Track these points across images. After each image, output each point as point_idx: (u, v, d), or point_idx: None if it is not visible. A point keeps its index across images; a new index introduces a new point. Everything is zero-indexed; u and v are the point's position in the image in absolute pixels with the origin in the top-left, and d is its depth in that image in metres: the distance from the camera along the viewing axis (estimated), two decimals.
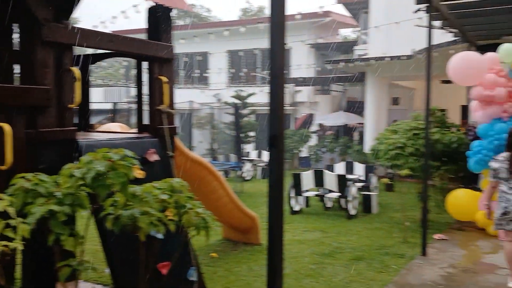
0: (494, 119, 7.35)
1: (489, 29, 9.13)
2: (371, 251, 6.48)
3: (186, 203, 2.85)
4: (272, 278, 2.76)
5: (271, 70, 2.65)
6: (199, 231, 2.82)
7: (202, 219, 2.81)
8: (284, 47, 2.69)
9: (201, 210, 2.86)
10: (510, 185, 4.92)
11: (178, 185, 2.89)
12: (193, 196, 3.04)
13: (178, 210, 2.80)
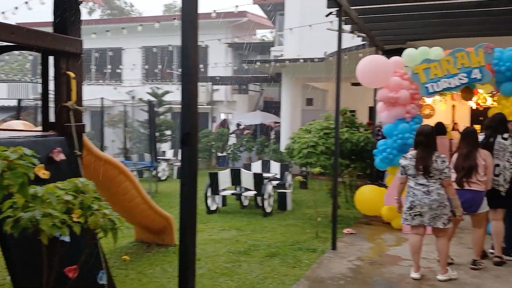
0: (398, 119, 7.82)
1: (394, 35, 9.70)
2: (285, 247, 6.62)
3: (93, 204, 2.72)
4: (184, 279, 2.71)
5: (183, 66, 2.61)
6: (107, 233, 2.71)
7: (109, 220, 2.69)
8: (196, 43, 2.65)
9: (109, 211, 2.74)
10: (416, 181, 5.21)
11: (84, 185, 2.75)
12: (101, 196, 2.91)
13: (84, 211, 2.67)
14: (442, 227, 5.17)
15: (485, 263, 5.83)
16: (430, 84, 7.45)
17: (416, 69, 7.51)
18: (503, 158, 5.76)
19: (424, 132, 5.29)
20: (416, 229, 5.32)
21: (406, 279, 5.35)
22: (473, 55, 7.14)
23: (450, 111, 17.20)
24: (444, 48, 7.65)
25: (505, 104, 7.22)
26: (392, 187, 7.67)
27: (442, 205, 5.10)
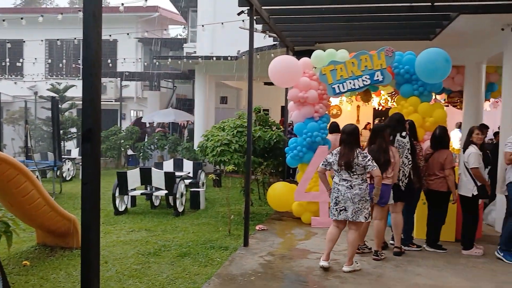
0: (307, 118, 8.07)
1: (304, 36, 10.00)
2: (197, 246, 6.56)
3: None
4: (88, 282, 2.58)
5: (85, 59, 2.47)
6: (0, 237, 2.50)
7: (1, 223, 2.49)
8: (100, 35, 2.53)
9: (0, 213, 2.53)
10: (341, 177, 5.49)
11: None
12: None
13: None
14: (363, 221, 5.48)
15: (385, 254, 6.21)
16: (337, 85, 7.76)
17: (324, 70, 7.80)
18: (402, 154, 6.15)
19: (346, 131, 5.59)
20: (337, 222, 5.61)
21: (314, 271, 5.54)
22: (375, 58, 7.55)
23: (355, 111, 18.14)
24: (349, 50, 8.02)
25: (404, 104, 7.72)
26: (301, 184, 7.90)
27: (363, 199, 5.43)
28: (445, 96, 13.03)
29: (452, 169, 6.35)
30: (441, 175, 6.40)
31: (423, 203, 6.81)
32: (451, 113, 11.59)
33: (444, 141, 6.57)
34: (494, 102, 14.41)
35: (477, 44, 9.87)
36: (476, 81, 10.88)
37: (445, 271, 5.66)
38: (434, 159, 6.46)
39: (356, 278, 5.31)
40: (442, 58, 7.19)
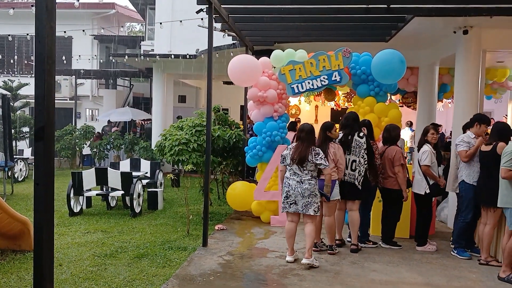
0: (266, 118, 8.10)
1: (263, 36, 10.02)
2: (155, 247, 6.47)
3: None
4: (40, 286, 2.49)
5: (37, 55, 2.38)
6: None
7: None
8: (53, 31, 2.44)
9: None
10: (292, 172, 5.72)
11: None
12: None
13: None
14: (313, 214, 5.69)
15: (343, 251, 6.32)
16: (296, 85, 7.83)
17: (283, 70, 7.85)
18: (358, 154, 6.28)
19: (305, 129, 5.84)
20: (291, 217, 5.83)
21: (273, 270, 5.56)
22: (333, 59, 7.66)
23: (313, 111, 18.38)
24: (308, 51, 8.10)
25: (361, 104, 7.89)
26: (261, 183, 7.93)
27: (312, 194, 5.67)
28: (400, 97, 13.41)
29: (401, 166, 6.51)
30: (393, 174, 6.55)
31: (378, 201, 6.98)
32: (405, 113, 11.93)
33: (392, 138, 6.73)
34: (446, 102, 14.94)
35: (431, 46, 10.19)
36: (430, 82, 11.25)
37: (400, 266, 5.81)
38: (385, 156, 6.63)
39: (315, 276, 5.37)
40: (397, 59, 7.38)
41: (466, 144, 6.26)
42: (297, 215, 5.85)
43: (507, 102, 15.14)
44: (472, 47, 7.91)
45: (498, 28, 7.99)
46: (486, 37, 8.00)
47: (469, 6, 7.04)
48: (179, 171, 12.63)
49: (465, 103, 7.94)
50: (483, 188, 5.85)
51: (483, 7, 7.05)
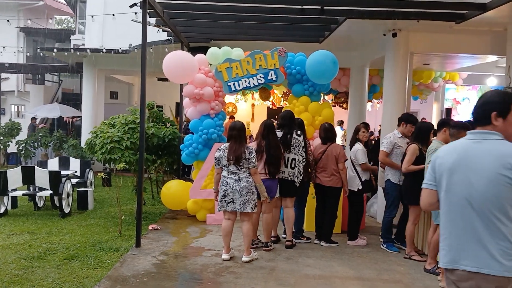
0: (203, 115, 8.03)
1: (199, 33, 9.93)
2: (86, 248, 6.22)
3: None
4: None
5: None
6: None
7: None
8: None
9: None
10: (229, 171, 5.71)
11: None
12: None
13: None
14: (250, 212, 5.73)
15: (278, 247, 6.40)
16: (232, 83, 7.83)
17: (220, 68, 7.81)
18: (297, 152, 6.38)
19: (236, 127, 5.83)
20: (228, 215, 5.82)
21: (209, 268, 5.53)
22: (269, 58, 7.73)
23: (250, 109, 18.49)
24: (245, 49, 8.12)
25: (296, 103, 8.01)
26: (197, 181, 7.85)
27: (250, 191, 5.71)
28: (333, 96, 13.79)
29: (345, 162, 6.71)
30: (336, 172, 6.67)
31: (312, 197, 7.12)
32: (337, 112, 12.30)
33: (333, 136, 6.89)
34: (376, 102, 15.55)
35: (362, 48, 10.55)
36: (360, 83, 11.65)
37: (332, 261, 5.97)
38: (328, 154, 6.71)
39: (250, 273, 5.40)
40: (330, 60, 7.57)
41: (388, 146, 6.53)
42: (234, 214, 5.85)
43: (432, 103, 16.00)
44: (401, 49, 8.26)
45: (425, 32, 8.40)
46: (414, 40, 8.39)
47: (398, 10, 7.34)
48: (110, 170, 12.24)
49: (393, 103, 8.28)
50: (409, 189, 6.04)
51: (411, 11, 7.38)
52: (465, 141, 2.58)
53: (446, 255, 2.54)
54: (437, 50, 8.91)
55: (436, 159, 2.65)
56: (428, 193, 2.67)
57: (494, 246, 2.39)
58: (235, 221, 5.90)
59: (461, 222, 2.48)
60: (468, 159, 2.50)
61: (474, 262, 2.42)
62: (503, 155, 2.41)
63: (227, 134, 5.94)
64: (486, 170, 2.42)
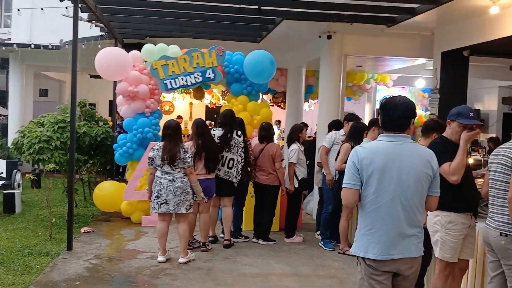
0: (137, 113, 7.83)
1: (134, 29, 9.67)
2: (12, 253, 5.88)
3: None
4: None
5: None
6: None
7: None
8: None
9: None
10: (163, 171, 5.56)
11: None
12: None
13: None
14: (185, 212, 5.61)
15: (216, 247, 6.36)
16: (169, 81, 7.69)
17: (155, 65, 7.65)
18: (236, 153, 6.36)
19: (171, 126, 5.70)
20: (163, 217, 5.68)
21: (144, 271, 5.40)
22: (207, 56, 7.67)
23: (188, 108, 18.29)
24: (181, 46, 8.00)
25: (234, 103, 8.00)
26: (131, 182, 7.64)
27: (185, 191, 5.59)
28: (271, 96, 13.93)
29: (281, 161, 6.76)
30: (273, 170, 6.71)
31: (251, 196, 7.13)
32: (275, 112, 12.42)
33: (271, 135, 6.94)
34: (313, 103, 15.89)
35: (298, 49, 10.72)
36: (297, 83, 11.85)
37: (269, 259, 6.02)
38: (265, 153, 6.73)
39: (187, 274, 5.33)
40: (267, 60, 7.62)
41: (330, 142, 6.68)
42: (169, 215, 5.73)
43: (364, 103, 16.57)
44: (335, 51, 8.48)
45: (358, 34, 8.66)
46: (347, 42, 8.63)
47: (332, 12, 7.51)
48: (40, 171, 11.64)
49: (328, 103, 8.49)
50: None
51: (345, 14, 7.58)
52: (388, 143, 2.86)
53: (376, 247, 2.82)
54: (369, 53, 9.22)
55: (362, 160, 2.83)
56: (352, 192, 2.87)
57: (412, 233, 2.82)
58: (170, 222, 5.79)
59: (391, 218, 2.80)
60: (397, 159, 2.80)
61: (400, 250, 2.80)
62: (423, 155, 2.84)
63: (162, 133, 5.81)
64: (414, 168, 2.79)
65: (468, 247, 3.91)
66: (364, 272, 2.88)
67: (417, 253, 2.86)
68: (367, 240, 2.85)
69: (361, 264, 2.91)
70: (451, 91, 8.30)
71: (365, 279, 2.88)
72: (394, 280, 2.88)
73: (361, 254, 2.87)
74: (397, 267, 2.83)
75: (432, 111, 8.63)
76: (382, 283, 2.84)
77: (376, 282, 2.84)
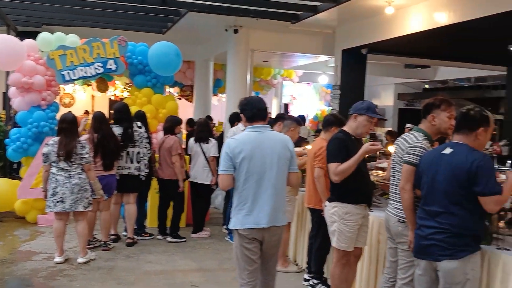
0: (33, 106, 7.33)
1: (29, 16, 9.06)
2: None
3: None
4: None
5: None
6: None
7: None
8: None
9: None
10: (59, 167, 5.23)
11: None
12: None
13: None
14: (83, 210, 5.33)
15: (118, 245, 6.15)
16: (67, 72, 7.29)
17: (52, 55, 7.22)
18: (141, 145, 6.17)
19: (67, 120, 5.37)
20: (60, 215, 5.37)
21: (40, 273, 5.09)
22: (108, 46, 7.36)
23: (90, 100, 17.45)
24: (81, 36, 7.62)
25: (138, 95, 7.77)
26: (26, 179, 7.15)
27: (83, 189, 5.29)
28: (179, 89, 13.73)
29: (178, 155, 6.59)
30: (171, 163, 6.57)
31: (156, 192, 6.98)
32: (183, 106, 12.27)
33: (173, 129, 6.78)
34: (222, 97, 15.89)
35: (206, 42, 10.67)
36: (205, 77, 11.80)
37: (174, 255, 5.93)
38: (163, 146, 6.57)
39: (87, 274, 5.10)
40: (172, 52, 7.48)
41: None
42: (66, 213, 5.41)
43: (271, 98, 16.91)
44: (242, 46, 8.56)
45: (264, 30, 8.80)
46: (254, 37, 8.74)
47: (238, 6, 7.57)
48: None
49: (235, 98, 8.51)
50: None
51: (251, 9, 7.66)
52: (253, 133, 3.43)
53: (249, 219, 3.35)
54: (275, 48, 9.42)
55: (234, 149, 3.35)
56: (227, 177, 3.39)
57: (278, 206, 3.41)
58: (67, 221, 5.48)
59: (260, 194, 3.35)
60: (262, 146, 3.38)
61: (268, 221, 3.34)
62: (281, 140, 3.50)
63: (57, 127, 5.47)
64: (276, 152, 3.40)
65: (362, 236, 4.11)
66: (238, 241, 3.41)
67: (282, 222, 3.45)
68: (241, 214, 3.37)
69: (235, 235, 3.45)
70: (350, 87, 8.73)
71: (238, 247, 3.41)
72: (262, 246, 3.42)
73: (236, 227, 3.39)
74: (263, 235, 3.37)
75: (334, 106, 9.02)
76: (251, 250, 3.38)
77: (247, 249, 3.37)
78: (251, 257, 3.40)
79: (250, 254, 3.38)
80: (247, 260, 3.40)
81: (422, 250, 3.11)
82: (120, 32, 8.44)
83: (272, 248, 3.47)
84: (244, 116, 3.57)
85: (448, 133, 3.42)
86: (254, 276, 3.44)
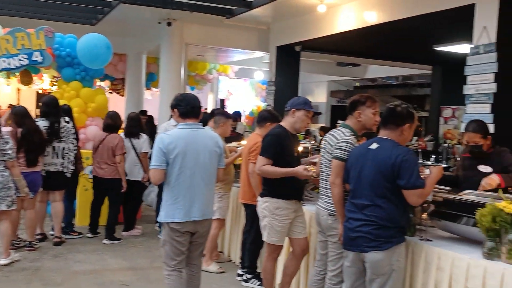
0: None
1: None
2: None
3: None
4: None
5: None
6: None
7: None
8: None
9: None
10: None
11: None
12: None
13: None
14: (6, 209, 5.04)
15: (44, 245, 5.87)
16: None
17: None
18: (67, 140, 5.91)
19: None
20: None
21: None
22: (34, 37, 7.00)
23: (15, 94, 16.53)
24: (3, 25, 7.19)
25: (66, 89, 7.44)
26: None
27: (6, 187, 5.01)
28: (109, 83, 13.29)
29: (123, 155, 6.34)
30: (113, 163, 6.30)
31: (85, 190, 6.73)
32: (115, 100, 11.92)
33: (117, 126, 6.51)
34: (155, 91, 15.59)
35: (138, 34, 10.41)
36: (137, 70, 11.53)
37: (104, 254, 5.74)
38: (105, 144, 6.26)
39: (10, 276, 4.83)
40: (103, 44, 7.24)
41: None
42: None
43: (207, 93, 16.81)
44: (175, 39, 8.43)
45: (199, 24, 8.72)
46: (188, 31, 8.64)
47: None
48: None
49: (169, 92, 8.41)
50: None
51: (184, 2, 7.56)
52: (187, 130, 3.52)
53: (181, 213, 3.45)
54: (210, 43, 9.36)
55: (169, 145, 3.42)
56: (160, 172, 3.45)
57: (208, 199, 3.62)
58: None
59: (192, 189, 3.47)
60: (195, 143, 3.49)
61: (199, 214, 3.50)
62: (212, 137, 3.67)
63: None
64: (208, 149, 3.55)
65: (299, 227, 4.13)
66: (168, 235, 3.50)
67: (211, 215, 3.69)
68: (173, 208, 3.46)
69: (165, 229, 3.53)
70: (285, 84, 8.86)
71: (167, 241, 3.51)
72: (192, 238, 3.57)
73: (168, 220, 3.48)
74: (195, 227, 3.52)
75: (269, 102, 9.11)
76: (182, 242, 3.51)
77: (178, 242, 3.49)
78: (181, 248, 3.53)
79: (180, 246, 3.52)
80: (176, 251, 3.52)
81: (350, 242, 3.21)
82: (47, 22, 8.03)
83: (201, 237, 3.67)
84: (178, 112, 3.62)
85: (372, 129, 3.55)
86: (181, 265, 3.59)
